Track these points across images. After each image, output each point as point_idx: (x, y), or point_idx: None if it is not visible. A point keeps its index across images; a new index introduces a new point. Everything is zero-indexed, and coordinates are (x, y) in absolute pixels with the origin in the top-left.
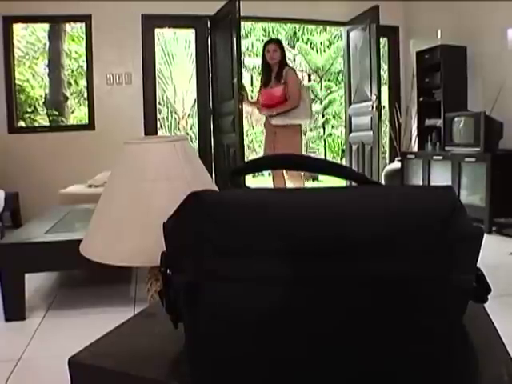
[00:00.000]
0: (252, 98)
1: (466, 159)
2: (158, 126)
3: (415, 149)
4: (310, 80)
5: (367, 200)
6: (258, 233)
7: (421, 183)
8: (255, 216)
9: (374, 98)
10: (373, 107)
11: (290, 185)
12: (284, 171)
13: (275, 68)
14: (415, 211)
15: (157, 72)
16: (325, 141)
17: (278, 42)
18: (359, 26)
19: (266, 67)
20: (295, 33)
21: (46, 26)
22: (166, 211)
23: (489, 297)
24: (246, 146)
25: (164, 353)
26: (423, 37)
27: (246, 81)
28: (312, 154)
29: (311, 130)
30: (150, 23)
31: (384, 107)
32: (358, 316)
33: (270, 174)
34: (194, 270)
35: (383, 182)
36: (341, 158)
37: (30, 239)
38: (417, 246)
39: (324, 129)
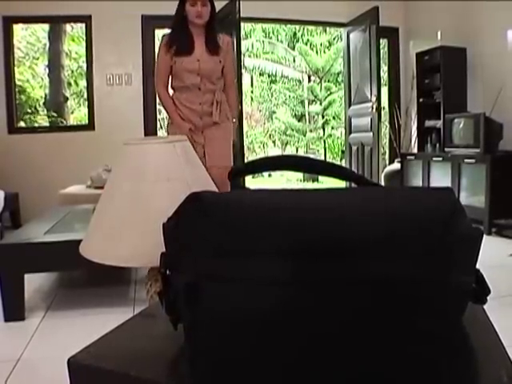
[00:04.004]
0: None
1: (466, 160)
2: (158, 126)
3: (415, 150)
4: (309, 81)
5: (367, 202)
6: (257, 234)
7: (420, 184)
8: (255, 217)
9: (373, 99)
10: (373, 108)
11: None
12: None
13: (199, 31)
14: (415, 213)
15: None
16: (325, 142)
17: None
18: (359, 27)
19: (183, 28)
20: (295, 34)
21: (46, 26)
22: (165, 212)
23: (488, 298)
24: (245, 147)
25: (163, 353)
26: (423, 38)
27: (246, 82)
28: (312, 155)
29: (311, 130)
30: (150, 24)
31: (384, 108)
32: (359, 317)
33: (269, 175)
34: (193, 271)
35: (383, 183)
36: (340, 159)
37: (29, 240)
38: (417, 248)
39: (324, 130)
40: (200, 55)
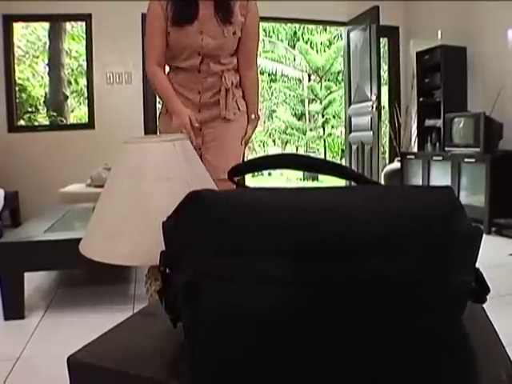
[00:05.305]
0: None
1: (466, 160)
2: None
3: (415, 149)
4: (310, 80)
5: (367, 200)
6: (257, 232)
7: (420, 183)
8: (254, 216)
9: (373, 98)
10: (373, 107)
11: None
12: None
13: None
14: (415, 212)
15: None
16: (324, 141)
17: None
18: (359, 26)
19: None
20: (295, 32)
21: (47, 24)
22: (165, 211)
23: (488, 297)
24: None
25: (163, 352)
26: (423, 37)
27: None
28: (312, 154)
29: (311, 129)
30: None
31: (384, 107)
32: (359, 316)
33: (269, 174)
34: (192, 270)
35: (383, 182)
36: (340, 158)
37: (29, 238)
38: (417, 247)
39: (324, 129)
40: (204, 25)
